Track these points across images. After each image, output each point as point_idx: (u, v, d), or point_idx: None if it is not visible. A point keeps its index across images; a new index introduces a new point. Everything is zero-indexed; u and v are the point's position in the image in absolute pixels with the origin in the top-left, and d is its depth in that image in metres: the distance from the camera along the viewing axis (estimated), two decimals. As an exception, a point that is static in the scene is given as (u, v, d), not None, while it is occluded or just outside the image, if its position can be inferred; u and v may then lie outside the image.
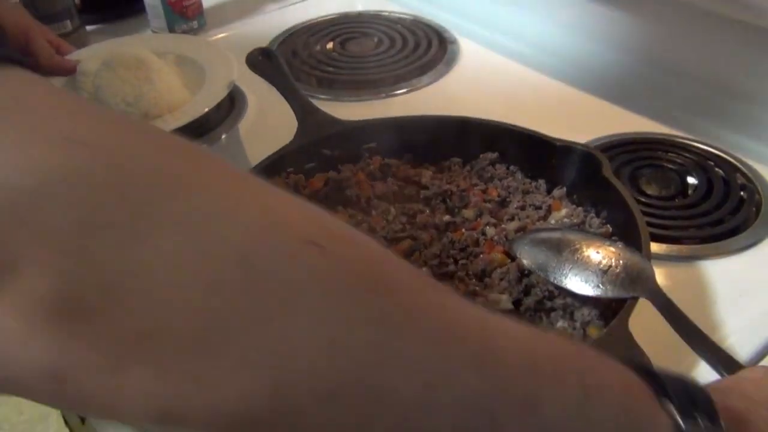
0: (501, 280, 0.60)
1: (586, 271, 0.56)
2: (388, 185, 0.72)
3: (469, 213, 0.67)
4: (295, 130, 0.74)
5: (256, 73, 0.82)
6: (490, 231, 0.65)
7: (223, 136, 0.90)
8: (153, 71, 0.87)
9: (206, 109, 0.85)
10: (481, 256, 0.62)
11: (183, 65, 0.94)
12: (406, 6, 1.21)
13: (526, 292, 0.59)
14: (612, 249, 0.58)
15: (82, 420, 0.83)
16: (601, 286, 0.55)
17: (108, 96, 0.85)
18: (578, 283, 0.56)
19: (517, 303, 0.59)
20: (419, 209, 0.68)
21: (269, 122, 0.92)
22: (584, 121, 0.88)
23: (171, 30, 1.10)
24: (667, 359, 0.56)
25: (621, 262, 0.56)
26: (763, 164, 0.79)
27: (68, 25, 1.07)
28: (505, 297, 0.58)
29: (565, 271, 0.57)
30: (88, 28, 1.14)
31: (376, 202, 0.70)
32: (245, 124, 0.92)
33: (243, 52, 0.85)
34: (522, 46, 1.05)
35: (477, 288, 0.59)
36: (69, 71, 0.92)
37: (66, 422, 0.88)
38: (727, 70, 0.88)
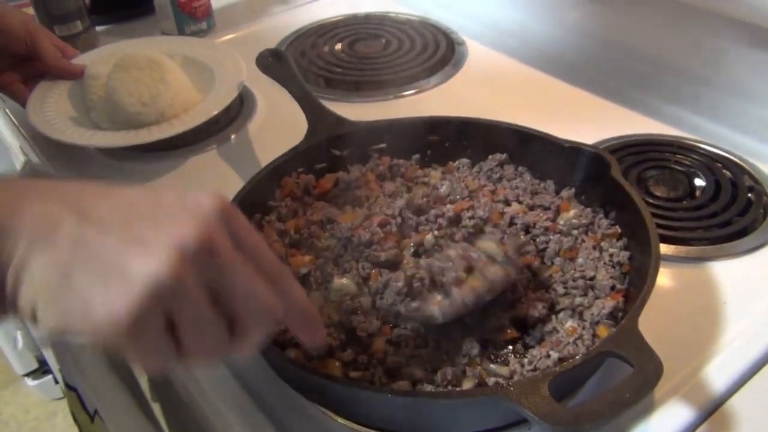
0: None
1: None
2: (396, 186, 0.72)
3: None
4: (303, 130, 0.74)
5: (266, 74, 0.83)
6: None
7: (233, 137, 0.90)
8: (167, 72, 0.88)
9: (220, 109, 0.86)
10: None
11: (190, 67, 0.94)
12: (413, 7, 1.21)
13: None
14: None
15: (91, 417, 0.83)
16: None
17: (123, 97, 0.85)
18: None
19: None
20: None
21: (278, 123, 0.92)
22: (592, 122, 0.88)
23: (180, 31, 1.11)
24: (677, 358, 0.57)
25: None
26: (770, 166, 0.80)
27: (78, 25, 1.07)
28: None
29: None
30: (98, 28, 1.15)
31: (383, 199, 0.70)
32: (255, 125, 0.93)
33: (252, 53, 0.85)
34: (530, 47, 1.05)
35: None
36: (76, 74, 0.92)
37: (75, 419, 0.88)
38: (736, 72, 0.88)
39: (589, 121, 0.89)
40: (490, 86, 0.99)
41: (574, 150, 0.69)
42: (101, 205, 0.37)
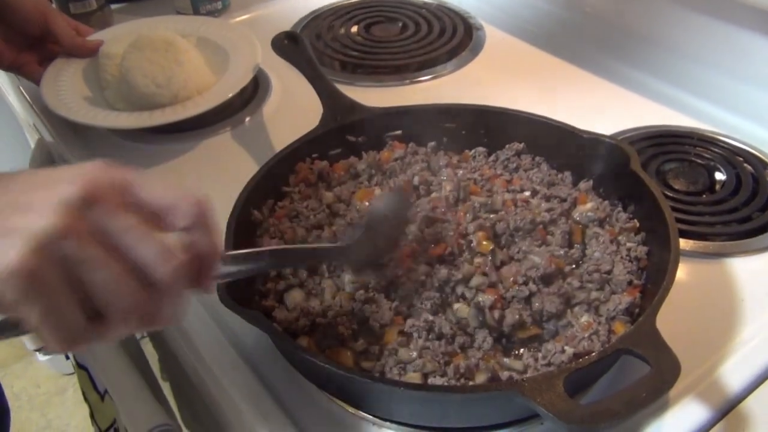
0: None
1: None
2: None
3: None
4: (318, 113, 0.74)
5: (281, 56, 0.82)
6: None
7: (247, 119, 0.90)
8: (181, 53, 0.87)
9: (235, 92, 0.85)
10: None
11: (205, 48, 0.93)
12: (431, -9, 1.19)
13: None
14: None
15: (101, 396, 0.83)
16: None
17: (137, 78, 0.84)
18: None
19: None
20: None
21: (293, 106, 0.91)
22: (611, 111, 0.87)
23: (195, 10, 1.10)
24: (695, 357, 0.56)
25: None
26: (793, 161, 0.78)
27: (93, 3, 1.06)
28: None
29: None
30: (113, 6, 1.14)
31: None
32: (269, 108, 0.92)
33: (267, 34, 0.84)
34: (549, 34, 1.04)
35: None
36: (91, 52, 0.92)
37: (85, 398, 0.88)
38: (760, 64, 0.86)
39: (608, 111, 0.87)
40: (508, 72, 0.97)
41: (593, 141, 0.68)
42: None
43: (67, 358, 1.54)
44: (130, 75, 0.85)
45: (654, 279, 0.58)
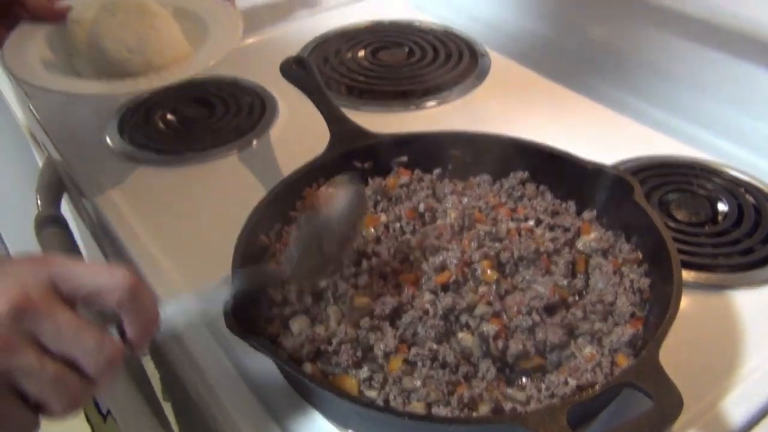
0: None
1: None
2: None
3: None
4: (326, 137, 0.74)
5: (289, 81, 0.83)
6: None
7: (255, 142, 0.91)
8: (157, 18, 0.82)
9: (215, 61, 0.80)
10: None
11: (183, 20, 0.88)
12: (438, 17, 1.21)
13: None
14: None
15: (104, 417, 0.84)
16: None
17: (108, 43, 0.80)
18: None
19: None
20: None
21: (301, 129, 0.92)
22: (615, 140, 0.88)
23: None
24: (697, 389, 0.56)
25: None
26: (795, 193, 0.79)
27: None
28: None
29: None
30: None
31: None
32: (276, 130, 0.93)
33: (275, 57, 0.85)
34: (553, 61, 1.05)
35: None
36: (58, 17, 0.86)
37: (87, 419, 0.89)
38: (761, 95, 0.87)
39: (611, 139, 0.88)
40: (512, 99, 0.98)
41: (596, 171, 0.69)
42: None
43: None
44: (101, 41, 0.79)
45: (657, 311, 0.58)
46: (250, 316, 0.57)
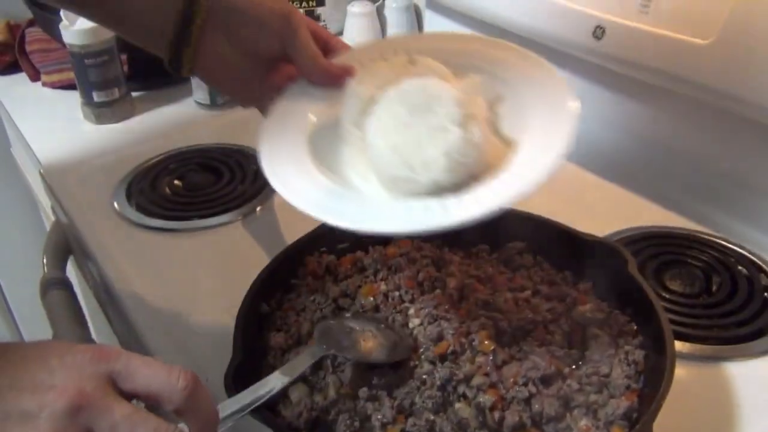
0: None
1: None
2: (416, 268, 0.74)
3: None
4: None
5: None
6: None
7: (258, 209, 0.93)
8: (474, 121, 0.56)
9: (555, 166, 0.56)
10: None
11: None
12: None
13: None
14: None
15: None
16: None
17: (382, 149, 0.56)
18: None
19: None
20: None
21: (303, 197, 0.94)
22: (609, 211, 0.90)
23: (213, 102, 1.15)
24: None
25: None
26: (787, 266, 0.80)
27: (116, 92, 1.12)
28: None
29: None
30: (133, 94, 1.20)
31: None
32: (280, 198, 0.94)
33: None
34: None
35: None
36: (335, 80, 0.65)
37: None
38: (751, 168, 0.89)
39: (606, 210, 0.90)
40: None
41: (592, 243, 0.71)
42: None
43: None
44: (371, 139, 0.57)
45: (651, 383, 0.59)
46: (248, 383, 0.58)
